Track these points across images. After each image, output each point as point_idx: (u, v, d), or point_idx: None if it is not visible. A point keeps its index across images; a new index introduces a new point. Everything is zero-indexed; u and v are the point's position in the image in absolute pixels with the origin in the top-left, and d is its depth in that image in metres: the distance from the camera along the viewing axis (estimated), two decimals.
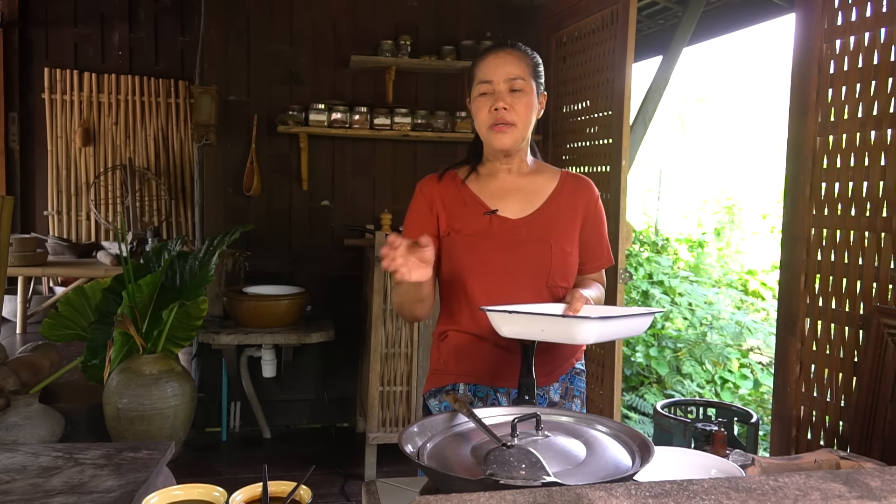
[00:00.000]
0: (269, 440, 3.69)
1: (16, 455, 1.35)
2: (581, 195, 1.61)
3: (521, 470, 0.99)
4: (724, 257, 6.37)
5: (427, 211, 1.60)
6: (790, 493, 0.69)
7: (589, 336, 1.29)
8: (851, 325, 1.92)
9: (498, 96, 1.49)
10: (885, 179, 1.83)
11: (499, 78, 1.50)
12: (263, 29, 3.73)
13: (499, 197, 1.58)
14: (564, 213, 1.59)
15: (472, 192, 1.58)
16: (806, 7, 2.07)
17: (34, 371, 2.92)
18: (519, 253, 1.54)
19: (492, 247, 1.54)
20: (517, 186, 1.59)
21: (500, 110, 1.49)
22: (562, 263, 1.55)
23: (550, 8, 3.68)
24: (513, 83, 1.50)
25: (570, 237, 1.58)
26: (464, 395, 1.57)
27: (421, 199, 1.62)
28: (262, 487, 1.02)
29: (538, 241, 1.54)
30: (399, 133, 3.70)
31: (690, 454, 1.30)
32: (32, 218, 6.13)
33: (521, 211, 1.57)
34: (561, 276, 1.56)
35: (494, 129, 1.51)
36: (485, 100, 1.51)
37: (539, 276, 1.54)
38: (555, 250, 1.54)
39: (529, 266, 1.54)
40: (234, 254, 3.62)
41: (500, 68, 1.50)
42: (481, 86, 1.51)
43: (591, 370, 3.08)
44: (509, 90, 1.50)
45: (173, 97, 6.27)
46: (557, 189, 1.60)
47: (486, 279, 1.54)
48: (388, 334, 3.15)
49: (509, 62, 1.51)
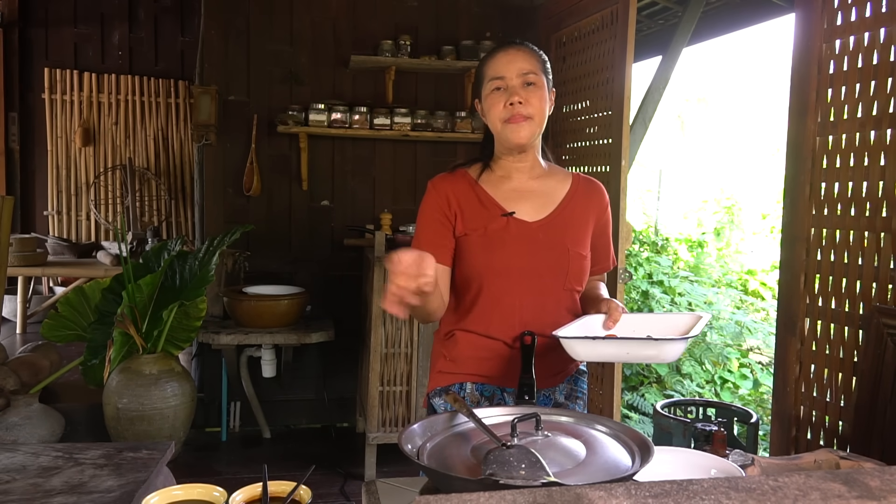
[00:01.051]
0: (269, 440, 3.69)
1: (16, 455, 1.35)
2: (593, 199, 1.62)
3: (521, 470, 0.99)
4: (724, 257, 6.36)
5: (442, 211, 1.55)
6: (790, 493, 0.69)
7: (678, 354, 1.33)
8: (851, 324, 1.92)
9: (512, 91, 1.49)
10: (885, 179, 1.83)
11: (511, 73, 1.49)
12: (263, 29, 3.73)
13: (513, 199, 1.56)
14: (578, 216, 1.59)
15: (487, 193, 1.57)
16: (806, 7, 2.07)
17: (34, 371, 2.91)
18: (537, 256, 1.53)
19: (510, 249, 1.52)
20: (531, 189, 1.58)
21: (516, 104, 1.48)
22: (578, 267, 1.56)
23: (550, 8, 3.68)
24: (526, 77, 1.50)
25: (584, 241, 1.59)
26: (470, 393, 1.57)
27: (435, 198, 1.57)
28: (262, 487, 1.02)
29: (555, 244, 1.54)
30: (399, 133, 3.70)
31: (690, 454, 1.30)
32: (32, 218, 6.13)
33: (536, 214, 1.56)
34: (577, 280, 1.57)
35: (511, 122, 1.50)
36: (498, 95, 1.50)
37: (557, 280, 1.54)
38: (571, 253, 1.55)
39: (548, 269, 1.54)
40: (234, 254, 3.62)
41: (511, 64, 1.50)
42: (494, 82, 1.51)
43: (591, 370, 3.08)
44: (523, 84, 1.49)
45: (173, 97, 6.27)
46: (571, 192, 1.60)
47: (504, 282, 1.53)
48: (388, 334, 3.15)
49: (520, 58, 1.51)
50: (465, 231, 1.54)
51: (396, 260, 1.18)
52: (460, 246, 1.55)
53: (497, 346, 1.54)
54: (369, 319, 3.18)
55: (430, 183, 1.61)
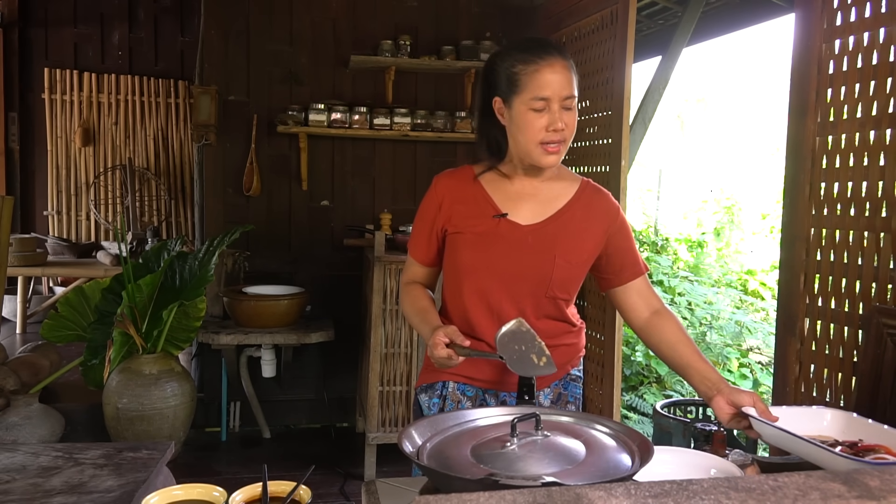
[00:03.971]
0: (269, 440, 3.69)
1: (16, 455, 1.35)
2: (598, 208, 1.58)
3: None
4: (724, 257, 6.37)
5: (433, 214, 1.59)
6: (789, 493, 0.69)
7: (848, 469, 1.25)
8: (851, 325, 1.92)
9: (556, 116, 1.45)
10: (885, 179, 1.83)
11: (556, 95, 1.44)
12: (263, 29, 3.73)
13: (512, 200, 1.55)
14: (577, 224, 1.55)
15: (485, 192, 1.56)
16: (805, 7, 2.07)
17: (34, 371, 2.91)
18: (522, 261, 1.52)
19: (496, 251, 1.52)
20: (533, 191, 1.56)
21: (558, 131, 1.45)
22: (563, 276, 1.53)
23: (550, 8, 3.68)
24: (566, 102, 1.46)
25: (578, 250, 1.55)
26: (452, 392, 1.60)
27: (430, 199, 1.60)
28: (262, 487, 1.02)
29: (543, 250, 1.52)
30: (399, 133, 3.70)
31: (690, 454, 1.30)
32: (32, 218, 6.13)
33: (531, 217, 1.54)
34: (561, 289, 1.55)
35: (547, 148, 1.46)
36: (539, 116, 1.45)
37: (539, 286, 1.53)
38: (558, 262, 1.52)
39: (531, 275, 1.52)
40: (234, 254, 3.62)
41: (556, 83, 1.44)
42: (537, 102, 1.44)
43: (591, 370, 3.08)
44: (563, 108, 1.46)
45: (173, 97, 6.27)
46: (574, 199, 1.57)
47: (485, 283, 1.53)
48: (388, 334, 3.15)
49: (565, 77, 1.46)
50: (457, 229, 1.55)
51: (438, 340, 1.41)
52: (452, 243, 1.57)
53: (481, 347, 1.53)
54: (369, 319, 3.18)
55: (434, 179, 1.62)
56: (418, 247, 1.63)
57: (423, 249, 1.62)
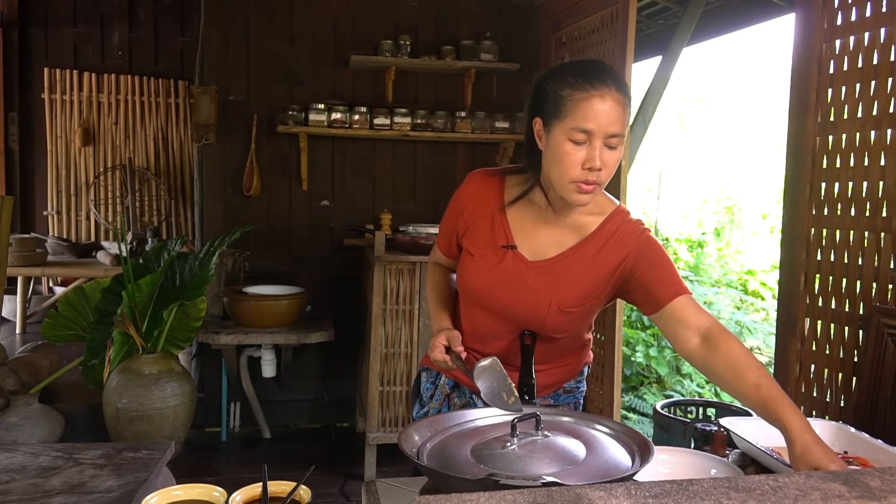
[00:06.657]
0: (269, 440, 3.69)
1: (15, 455, 1.35)
2: (615, 243, 1.43)
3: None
4: (724, 257, 6.37)
5: (455, 217, 1.56)
6: (790, 493, 0.69)
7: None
8: (851, 325, 1.92)
9: (595, 153, 1.30)
10: (885, 179, 1.83)
11: (600, 130, 1.29)
12: (263, 29, 3.72)
13: (528, 229, 1.47)
14: (585, 264, 1.44)
15: (505, 219, 1.48)
16: (806, 7, 2.07)
17: (34, 371, 2.91)
18: (519, 298, 1.46)
19: (497, 283, 1.47)
20: (552, 221, 1.46)
21: (594, 171, 1.31)
22: (557, 321, 1.45)
23: (550, 8, 3.68)
24: (611, 140, 1.31)
25: (581, 294, 1.45)
26: (442, 386, 1.63)
27: (456, 202, 1.56)
28: (262, 487, 1.02)
29: (542, 290, 1.44)
30: (399, 133, 3.69)
31: (690, 454, 1.30)
32: (32, 218, 6.13)
33: (540, 252, 1.46)
34: (555, 330, 1.48)
35: (581, 186, 1.33)
36: (577, 149, 1.31)
37: (532, 326, 1.48)
38: (553, 307, 1.43)
39: (525, 314, 1.47)
40: (234, 254, 3.62)
41: (603, 117, 1.29)
42: (578, 133, 1.30)
43: (592, 370, 3.07)
44: (606, 146, 1.31)
45: (173, 97, 6.27)
46: (593, 234, 1.44)
47: (480, 310, 1.52)
48: (388, 334, 3.15)
49: (615, 113, 1.30)
50: (468, 247, 1.53)
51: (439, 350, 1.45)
52: (463, 257, 1.56)
53: (468, 355, 1.51)
54: (369, 319, 3.18)
55: (468, 177, 1.55)
56: (442, 239, 1.63)
57: (445, 244, 1.62)
